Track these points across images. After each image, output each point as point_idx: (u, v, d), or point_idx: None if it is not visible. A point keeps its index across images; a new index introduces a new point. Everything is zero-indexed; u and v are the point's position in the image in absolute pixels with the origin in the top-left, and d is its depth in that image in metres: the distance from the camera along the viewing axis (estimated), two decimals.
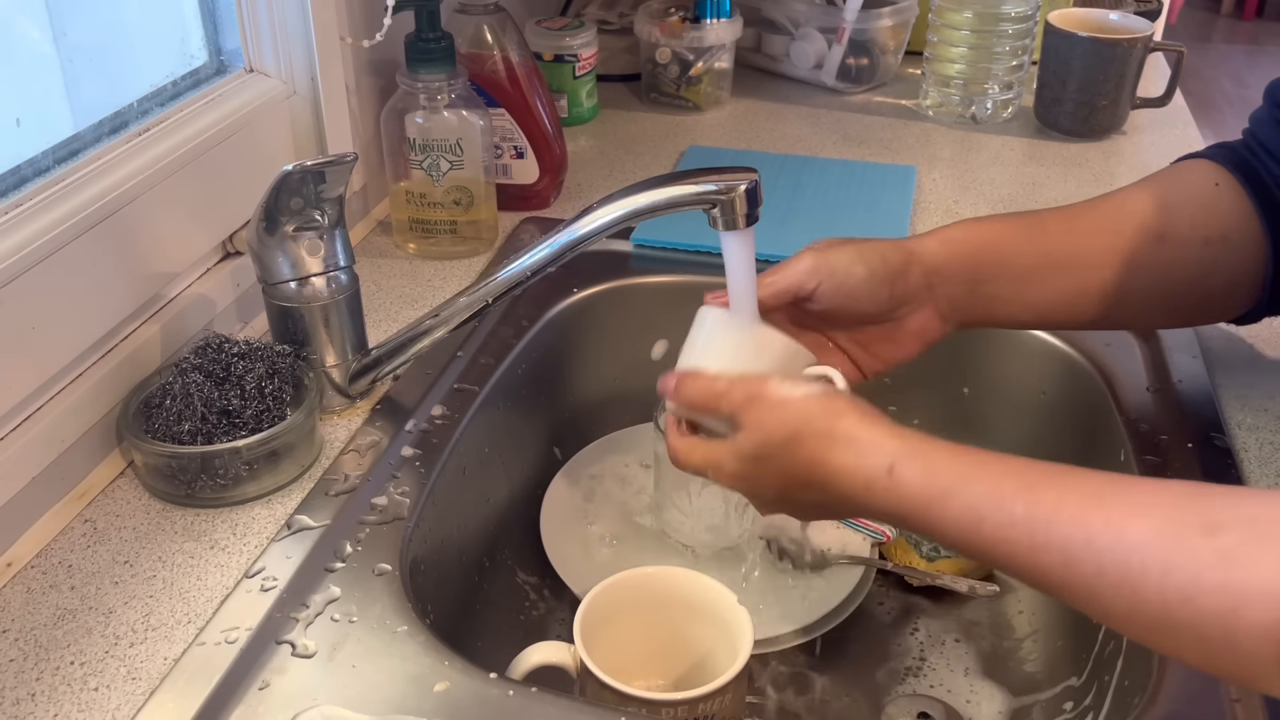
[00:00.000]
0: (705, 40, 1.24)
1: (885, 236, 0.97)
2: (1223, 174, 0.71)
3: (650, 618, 0.66)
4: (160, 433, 0.69)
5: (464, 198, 0.95)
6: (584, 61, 1.21)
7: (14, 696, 0.57)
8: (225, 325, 0.83)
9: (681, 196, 0.64)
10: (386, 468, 0.73)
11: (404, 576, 0.64)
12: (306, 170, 0.70)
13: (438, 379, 0.81)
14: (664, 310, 0.94)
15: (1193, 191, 0.71)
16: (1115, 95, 1.18)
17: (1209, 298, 0.72)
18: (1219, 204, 0.70)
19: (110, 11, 0.78)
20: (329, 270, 0.74)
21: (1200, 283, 0.71)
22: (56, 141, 0.72)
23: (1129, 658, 0.67)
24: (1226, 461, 0.73)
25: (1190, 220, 0.70)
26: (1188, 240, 0.70)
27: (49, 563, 0.65)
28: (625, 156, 1.17)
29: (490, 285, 0.71)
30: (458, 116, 0.92)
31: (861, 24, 1.28)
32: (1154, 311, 0.74)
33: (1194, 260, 0.70)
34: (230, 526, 0.68)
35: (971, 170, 1.14)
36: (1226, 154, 0.73)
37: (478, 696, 0.57)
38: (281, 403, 0.71)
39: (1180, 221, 0.70)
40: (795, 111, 1.29)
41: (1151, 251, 0.70)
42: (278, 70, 0.89)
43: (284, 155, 0.90)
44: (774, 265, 0.69)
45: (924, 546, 0.82)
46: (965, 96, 1.25)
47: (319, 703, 0.56)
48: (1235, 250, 0.70)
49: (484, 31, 1.00)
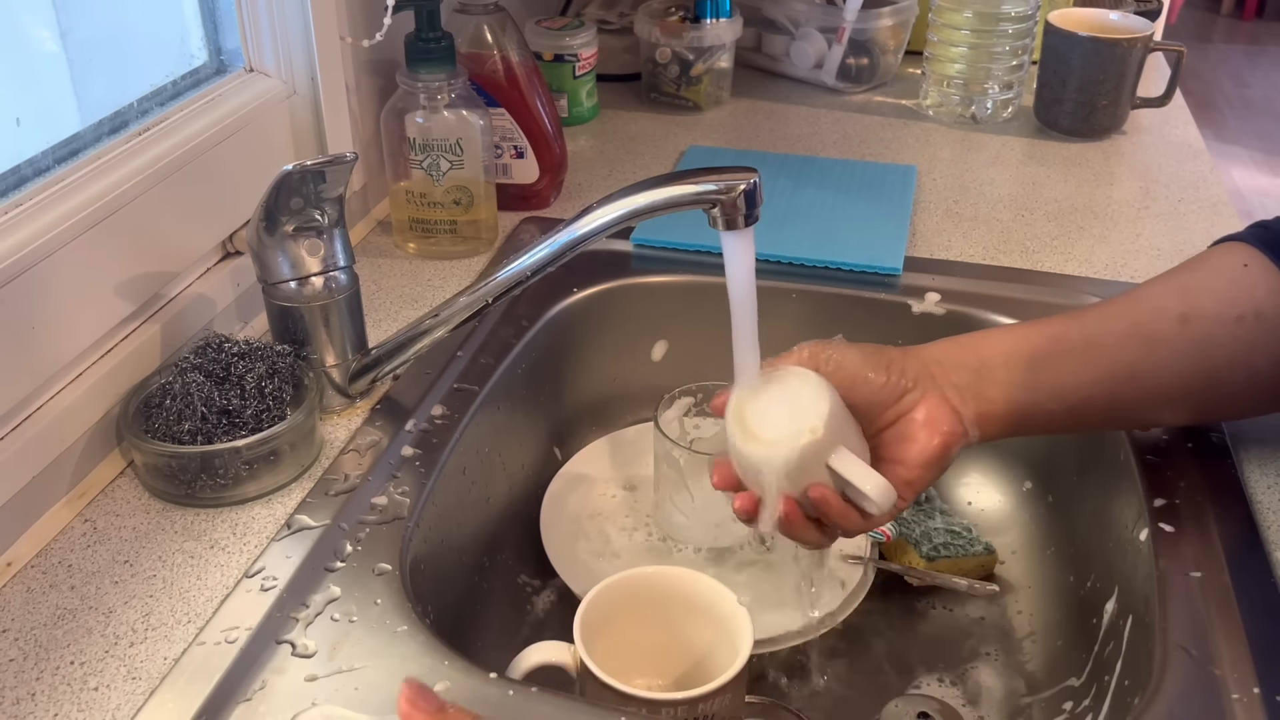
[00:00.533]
0: (705, 40, 1.24)
1: (886, 237, 0.98)
2: (1253, 253, 0.69)
3: (650, 618, 0.66)
4: (160, 432, 0.69)
5: (464, 198, 0.95)
6: (584, 61, 1.21)
7: (14, 696, 0.57)
8: (225, 325, 0.83)
9: (681, 196, 0.64)
10: (386, 468, 0.73)
11: (404, 576, 0.64)
12: (306, 170, 0.70)
13: (438, 379, 0.81)
14: (664, 310, 0.94)
15: (1217, 271, 0.70)
16: (1115, 95, 1.18)
17: (1255, 377, 0.69)
18: (1247, 281, 0.68)
19: (113, 10, 0.78)
20: (329, 270, 0.74)
21: (1242, 361, 0.68)
22: (59, 140, 0.72)
23: (1129, 658, 0.67)
24: (1226, 461, 0.73)
25: (1216, 298, 0.68)
26: (1216, 318, 0.67)
27: (49, 562, 0.65)
28: (625, 156, 1.17)
29: (490, 285, 0.71)
30: (458, 116, 0.92)
31: (861, 24, 1.28)
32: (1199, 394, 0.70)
33: (1228, 338, 0.67)
34: (230, 526, 0.68)
35: (971, 170, 1.14)
36: (1258, 233, 0.70)
37: (478, 696, 0.57)
38: (281, 402, 0.72)
39: (1204, 300, 0.68)
40: (795, 111, 1.29)
41: (1175, 330, 0.68)
42: (278, 70, 0.89)
43: (284, 155, 0.90)
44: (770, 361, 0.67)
45: (924, 546, 0.82)
46: (965, 96, 1.25)
47: (319, 703, 0.56)
48: (1273, 327, 0.67)
49: (484, 31, 1.00)
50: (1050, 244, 0.99)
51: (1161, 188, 1.11)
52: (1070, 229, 1.02)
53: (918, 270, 0.94)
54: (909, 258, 0.95)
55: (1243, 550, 0.66)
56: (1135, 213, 1.05)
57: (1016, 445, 0.90)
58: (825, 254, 0.95)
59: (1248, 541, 0.67)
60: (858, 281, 0.93)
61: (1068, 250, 0.98)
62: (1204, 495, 0.71)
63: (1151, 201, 1.08)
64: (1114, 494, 0.77)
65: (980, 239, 1.00)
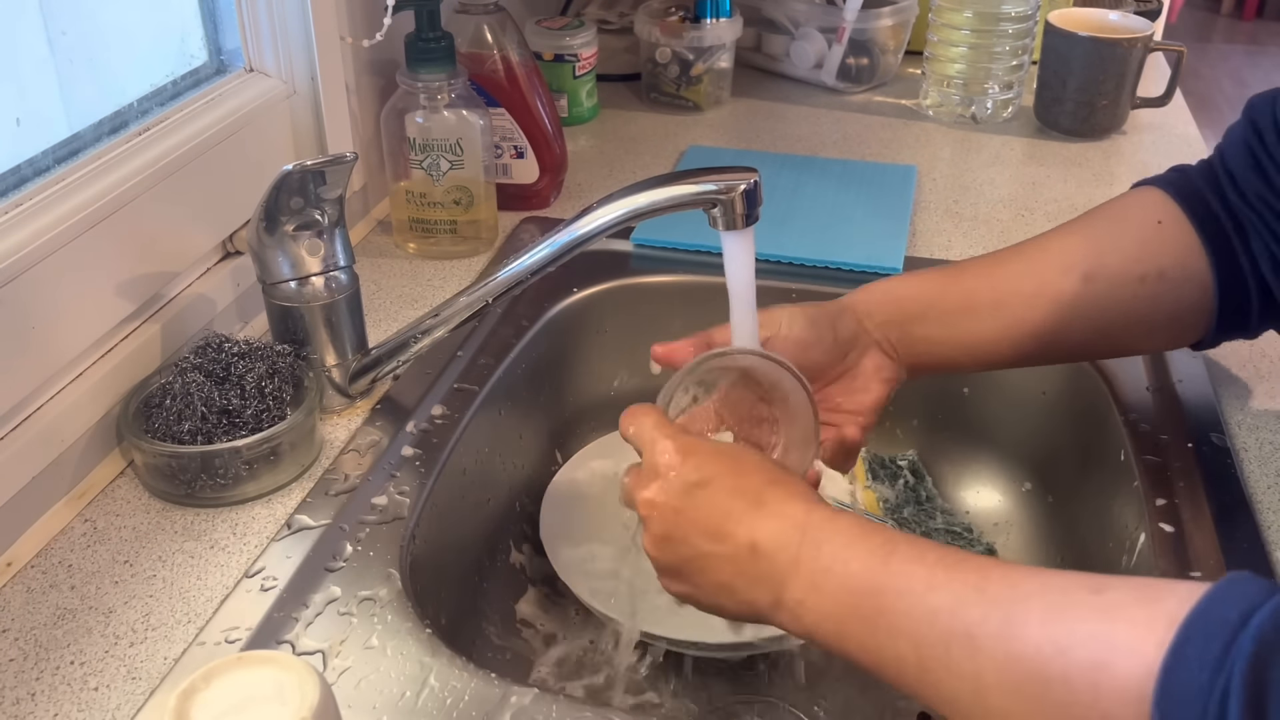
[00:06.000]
0: (705, 40, 1.24)
1: (886, 237, 0.98)
2: (1169, 208, 0.70)
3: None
4: (160, 432, 0.69)
5: (464, 197, 0.95)
6: (584, 61, 1.21)
7: (14, 696, 0.57)
8: (225, 325, 0.83)
9: (681, 196, 0.64)
10: (386, 468, 0.73)
11: (404, 576, 0.64)
12: (306, 170, 0.70)
13: (438, 379, 0.81)
14: (664, 310, 0.94)
15: (1129, 229, 0.71)
16: (1115, 95, 1.18)
17: (1153, 331, 0.72)
18: (1157, 240, 0.69)
19: (110, 11, 0.78)
20: (329, 270, 0.74)
21: (1141, 318, 0.70)
22: (55, 141, 0.72)
23: None
24: (1226, 461, 0.73)
25: (1123, 258, 0.70)
26: (1120, 278, 0.69)
27: (49, 562, 0.65)
28: (625, 156, 1.17)
29: (490, 285, 0.71)
30: (458, 116, 0.92)
31: (861, 24, 1.28)
32: (1096, 347, 0.74)
33: (1128, 297, 0.69)
34: (230, 526, 0.68)
35: (971, 170, 1.14)
36: (1179, 184, 0.71)
37: (477, 696, 0.57)
38: (281, 402, 0.71)
39: (1111, 260, 0.70)
40: (795, 111, 1.29)
41: (1078, 290, 0.70)
42: (278, 70, 0.89)
43: (284, 155, 0.90)
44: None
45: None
46: (965, 96, 1.25)
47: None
48: (1175, 285, 0.69)
49: (484, 31, 1.00)
50: None
51: None
52: None
53: (918, 270, 0.94)
54: (909, 258, 0.95)
55: (1243, 550, 0.66)
56: None
57: (1016, 446, 0.90)
58: (825, 254, 0.95)
59: (1248, 541, 0.67)
60: (858, 281, 0.92)
61: None
62: (1204, 495, 0.71)
63: None
64: (1114, 494, 0.77)
65: (980, 239, 1.00)
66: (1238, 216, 0.68)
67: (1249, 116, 0.70)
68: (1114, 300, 0.70)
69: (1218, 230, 0.68)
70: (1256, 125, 0.69)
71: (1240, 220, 0.68)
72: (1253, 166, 0.68)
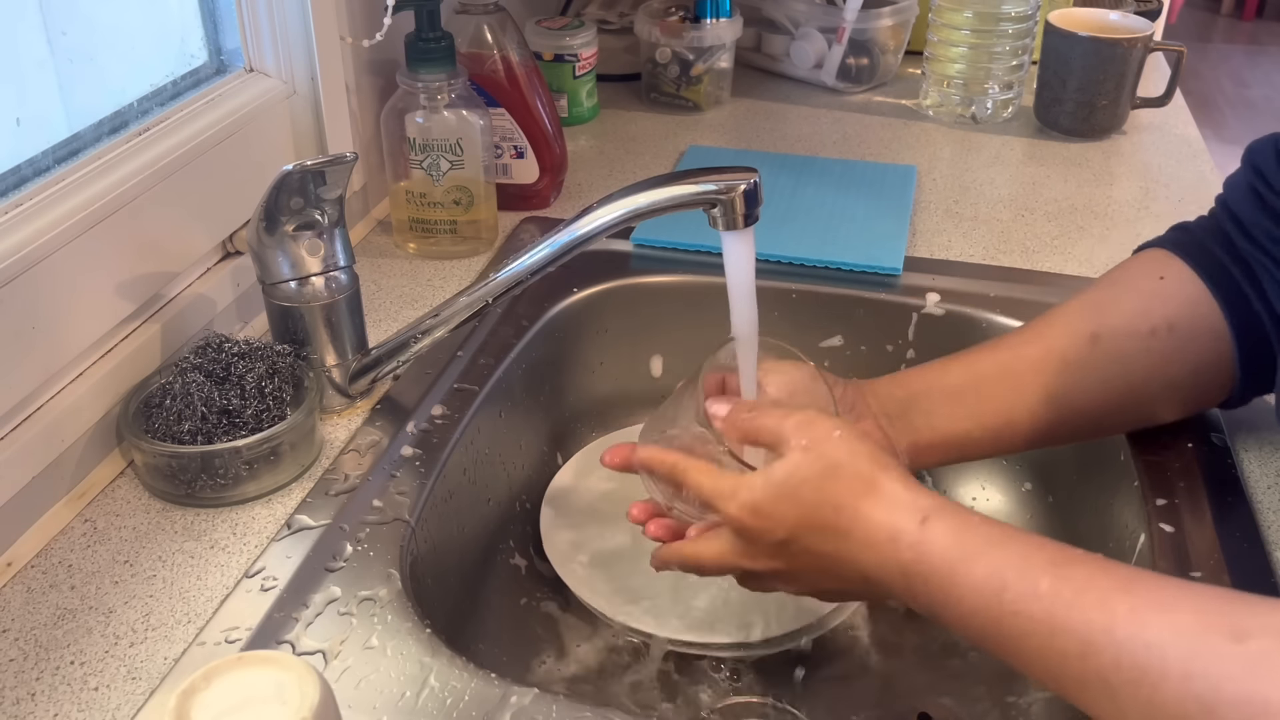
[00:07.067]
0: (705, 40, 1.24)
1: (885, 237, 0.98)
2: (1170, 262, 0.70)
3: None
4: (160, 432, 0.69)
5: (464, 197, 0.95)
6: (584, 61, 1.21)
7: (14, 696, 0.57)
8: (225, 325, 0.83)
9: (681, 196, 0.64)
10: (386, 468, 0.73)
11: (404, 576, 0.64)
12: (306, 170, 0.70)
13: (438, 379, 0.81)
14: (664, 310, 0.94)
15: (1130, 286, 0.71)
16: (1115, 95, 1.18)
17: (1175, 388, 0.71)
18: (1160, 294, 0.69)
19: (110, 11, 0.78)
20: (329, 270, 0.74)
21: (1159, 374, 0.69)
22: (55, 142, 0.72)
23: None
24: (1226, 461, 0.73)
25: (1129, 315, 0.69)
26: (1128, 335, 0.69)
27: (49, 562, 0.65)
28: (625, 156, 1.17)
29: (490, 285, 0.71)
30: (458, 116, 0.92)
31: (861, 24, 1.28)
32: (1121, 411, 0.72)
33: (1140, 352, 0.69)
34: (230, 526, 0.68)
35: (971, 170, 1.14)
36: (1179, 239, 0.71)
37: (477, 696, 0.57)
38: (281, 402, 0.72)
39: (1113, 318, 0.69)
40: (795, 111, 1.29)
41: (1087, 350, 0.69)
42: (278, 70, 0.89)
43: (284, 155, 0.90)
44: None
45: None
46: (965, 96, 1.25)
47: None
48: (1188, 338, 0.68)
49: (484, 31, 1.00)
50: (1050, 244, 0.99)
51: (1162, 188, 1.11)
52: (1070, 229, 1.02)
53: (918, 270, 0.94)
54: (909, 258, 0.95)
55: (1243, 550, 0.66)
56: (1135, 213, 1.05)
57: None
58: (825, 254, 0.95)
59: (1248, 541, 0.67)
60: (858, 281, 0.93)
61: (1068, 250, 0.98)
62: (1204, 495, 0.71)
63: (1152, 201, 1.08)
64: (1114, 494, 0.77)
65: (980, 239, 1.00)
66: (1247, 262, 0.68)
67: (1249, 161, 0.69)
68: (1125, 357, 0.69)
69: (1226, 279, 0.68)
70: (1259, 168, 0.68)
71: (1250, 265, 0.67)
72: (1260, 208, 0.67)
